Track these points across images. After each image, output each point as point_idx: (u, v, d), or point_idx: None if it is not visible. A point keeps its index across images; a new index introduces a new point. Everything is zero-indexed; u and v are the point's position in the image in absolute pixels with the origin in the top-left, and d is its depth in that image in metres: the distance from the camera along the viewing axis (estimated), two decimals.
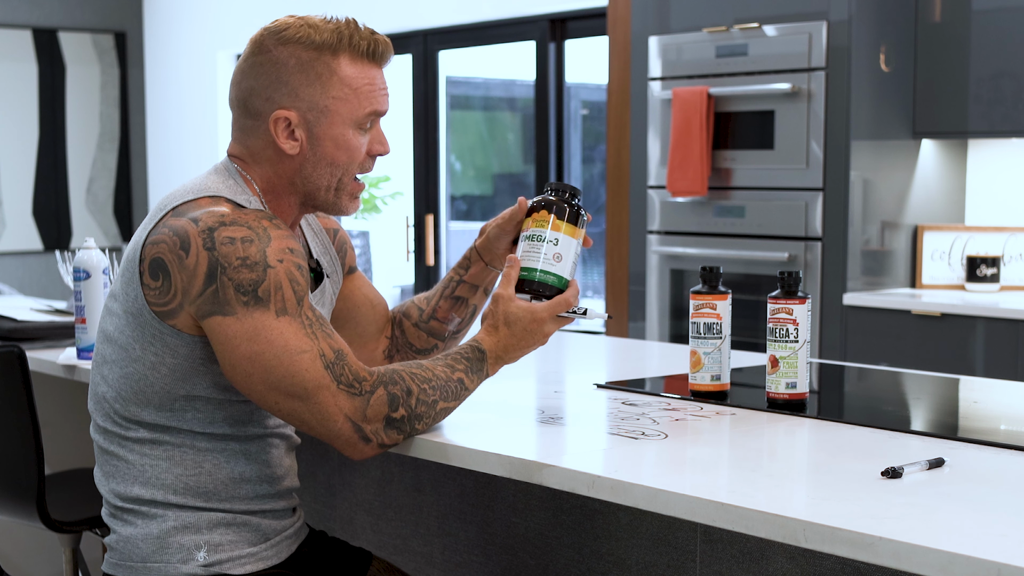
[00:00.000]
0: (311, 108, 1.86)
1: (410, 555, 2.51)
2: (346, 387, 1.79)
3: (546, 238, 1.97)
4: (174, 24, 7.73)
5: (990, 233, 4.28)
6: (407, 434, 1.85)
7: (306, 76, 1.85)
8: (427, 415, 1.85)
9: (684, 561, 2.00)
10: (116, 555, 1.89)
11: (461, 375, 1.90)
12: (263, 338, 1.76)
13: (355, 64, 1.87)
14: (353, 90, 1.87)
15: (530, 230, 1.99)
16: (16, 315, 3.01)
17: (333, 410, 1.78)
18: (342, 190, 1.92)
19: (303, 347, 1.77)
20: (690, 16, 4.54)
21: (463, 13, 6.10)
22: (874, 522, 1.41)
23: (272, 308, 1.76)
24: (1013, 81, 4.02)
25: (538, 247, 1.97)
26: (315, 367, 1.77)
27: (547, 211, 1.99)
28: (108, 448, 1.89)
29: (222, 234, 1.76)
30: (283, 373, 1.77)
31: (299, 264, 1.81)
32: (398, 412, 1.82)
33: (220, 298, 1.76)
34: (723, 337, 2.12)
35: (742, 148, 4.37)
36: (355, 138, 1.89)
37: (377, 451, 1.84)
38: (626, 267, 4.86)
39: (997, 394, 2.37)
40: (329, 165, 1.89)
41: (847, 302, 4.13)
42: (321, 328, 1.81)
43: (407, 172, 6.74)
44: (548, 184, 2.03)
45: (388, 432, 1.82)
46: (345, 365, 1.80)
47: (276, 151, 1.89)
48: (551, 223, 1.98)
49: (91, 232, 7.83)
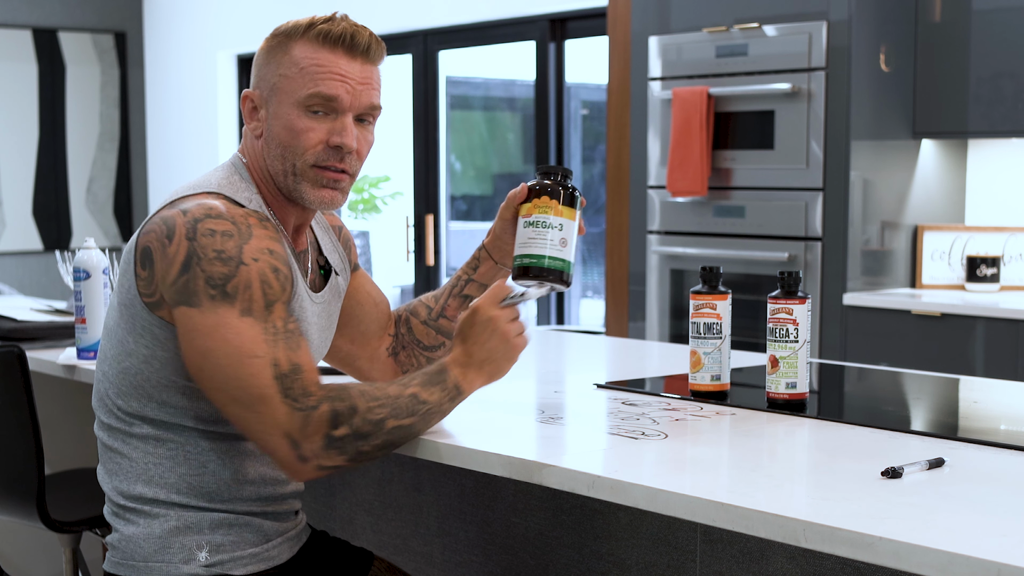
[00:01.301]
0: (267, 86, 1.88)
1: (410, 555, 2.51)
2: (291, 401, 1.72)
3: (551, 223, 1.95)
4: (174, 24, 7.73)
5: (990, 233, 4.28)
6: (351, 456, 1.75)
7: (267, 57, 1.89)
8: (374, 434, 1.76)
9: (684, 561, 2.00)
10: (118, 554, 1.89)
11: (415, 390, 1.81)
12: (219, 335, 1.73)
13: (310, 45, 1.85)
14: (299, 69, 1.85)
15: (532, 216, 1.96)
16: (16, 315, 3.01)
17: (271, 424, 1.72)
18: (300, 177, 1.87)
19: (256, 352, 1.72)
20: (690, 16, 4.54)
21: (463, 13, 6.10)
22: (874, 522, 1.41)
23: (237, 306, 1.73)
24: (1013, 81, 4.02)
25: (543, 233, 1.95)
26: (263, 374, 1.72)
27: (547, 196, 1.97)
28: (112, 445, 1.89)
29: (205, 226, 1.75)
30: (231, 375, 1.73)
31: (275, 267, 1.77)
32: (339, 430, 1.73)
33: (190, 288, 1.74)
34: (723, 337, 2.12)
35: (742, 148, 4.37)
36: (300, 120, 1.85)
37: (316, 473, 1.75)
38: (626, 267, 4.86)
39: (997, 394, 2.37)
40: (279, 146, 1.87)
41: (847, 302, 4.13)
42: (286, 338, 1.75)
43: (407, 172, 6.74)
44: (539, 167, 2.00)
45: (328, 452, 1.73)
46: (297, 379, 1.73)
47: (252, 137, 1.91)
48: (554, 208, 1.95)
49: (91, 232, 7.83)
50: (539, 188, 1.98)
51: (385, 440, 1.78)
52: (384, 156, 7.01)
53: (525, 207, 1.98)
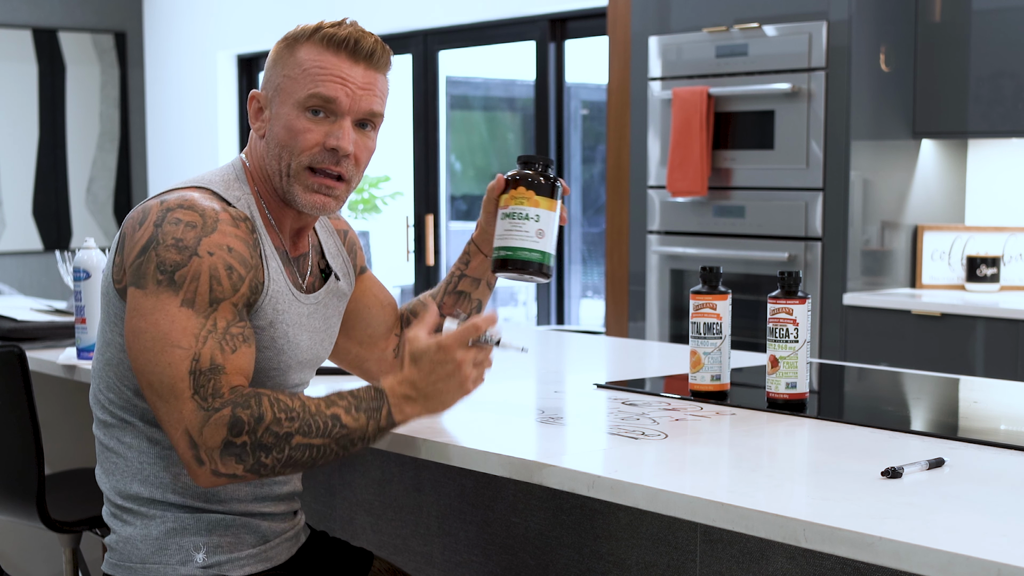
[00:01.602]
0: (272, 87, 1.89)
1: (410, 555, 2.51)
2: (200, 399, 1.69)
3: (528, 215, 1.94)
4: (174, 24, 7.73)
5: (990, 233, 4.28)
6: (251, 467, 1.69)
7: (275, 60, 1.90)
8: (277, 447, 1.69)
9: (684, 561, 2.00)
10: (116, 555, 1.89)
11: (338, 411, 1.73)
12: (153, 319, 1.72)
13: (315, 48, 1.86)
14: (302, 70, 1.85)
15: (509, 207, 1.95)
16: (16, 315, 3.01)
17: (176, 418, 1.70)
18: (294, 179, 1.86)
19: (181, 343, 1.70)
20: (690, 16, 4.54)
21: (463, 13, 6.10)
22: (874, 522, 1.41)
23: (180, 296, 1.72)
24: (1013, 81, 4.02)
25: (520, 224, 1.94)
26: (179, 367, 1.69)
27: (524, 186, 1.95)
28: (107, 444, 1.89)
29: (174, 215, 1.76)
30: (150, 359, 1.71)
31: (230, 265, 1.75)
32: (239, 438, 1.68)
33: (142, 270, 1.74)
34: (723, 337, 2.12)
35: (742, 148, 4.37)
36: (298, 120, 1.85)
37: (214, 479, 1.70)
38: (626, 267, 4.86)
39: (997, 394, 2.37)
40: (278, 146, 1.87)
41: (847, 302, 4.13)
42: (222, 339, 1.72)
43: (407, 172, 6.74)
44: (520, 157, 1.99)
45: (225, 458, 1.68)
46: (215, 379, 1.70)
47: (256, 138, 1.92)
48: (530, 199, 1.94)
49: (91, 232, 7.83)
50: (518, 178, 1.97)
51: (289, 456, 1.70)
52: (384, 156, 7.01)
53: (503, 198, 1.98)
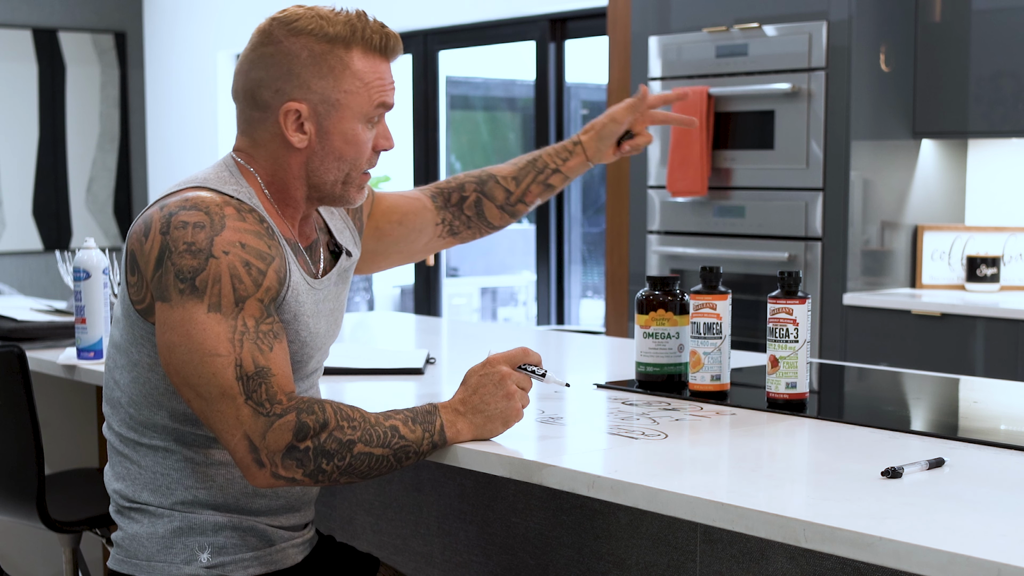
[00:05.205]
0: (322, 101, 1.82)
1: (410, 555, 2.51)
2: (255, 404, 1.69)
3: (669, 334, 2.19)
4: (174, 24, 7.73)
5: (990, 233, 4.28)
6: (311, 472, 1.71)
7: (319, 69, 1.81)
8: (339, 454, 1.71)
9: (684, 561, 2.00)
10: (121, 552, 1.89)
11: (396, 422, 1.76)
12: (184, 331, 1.71)
13: (367, 58, 1.84)
14: (364, 84, 1.84)
15: (652, 328, 2.19)
16: (16, 315, 3.01)
17: (233, 423, 1.70)
18: (350, 184, 1.89)
19: (219, 351, 1.70)
20: (690, 16, 4.54)
21: (463, 13, 6.10)
22: (874, 522, 1.41)
23: (205, 301, 1.71)
24: (1013, 81, 4.02)
25: (663, 344, 2.20)
26: (225, 374, 1.69)
27: (663, 309, 2.18)
28: (122, 451, 1.88)
29: (178, 218, 1.73)
30: (192, 371, 1.71)
31: (247, 261, 1.74)
32: (303, 443, 1.70)
33: (163, 283, 1.72)
34: (723, 337, 2.12)
35: (742, 148, 4.37)
36: (363, 133, 1.86)
37: (273, 481, 1.72)
38: (626, 267, 4.86)
39: (997, 394, 2.37)
40: (337, 159, 1.85)
41: (847, 302, 4.13)
42: (255, 339, 1.72)
43: (407, 172, 6.74)
44: (650, 278, 2.20)
45: (286, 462, 1.70)
46: (264, 382, 1.70)
47: (283, 143, 1.84)
48: (670, 319, 2.19)
49: (91, 232, 7.83)
50: (653, 301, 2.18)
51: (350, 464, 1.72)
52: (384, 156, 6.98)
53: (643, 319, 2.20)
